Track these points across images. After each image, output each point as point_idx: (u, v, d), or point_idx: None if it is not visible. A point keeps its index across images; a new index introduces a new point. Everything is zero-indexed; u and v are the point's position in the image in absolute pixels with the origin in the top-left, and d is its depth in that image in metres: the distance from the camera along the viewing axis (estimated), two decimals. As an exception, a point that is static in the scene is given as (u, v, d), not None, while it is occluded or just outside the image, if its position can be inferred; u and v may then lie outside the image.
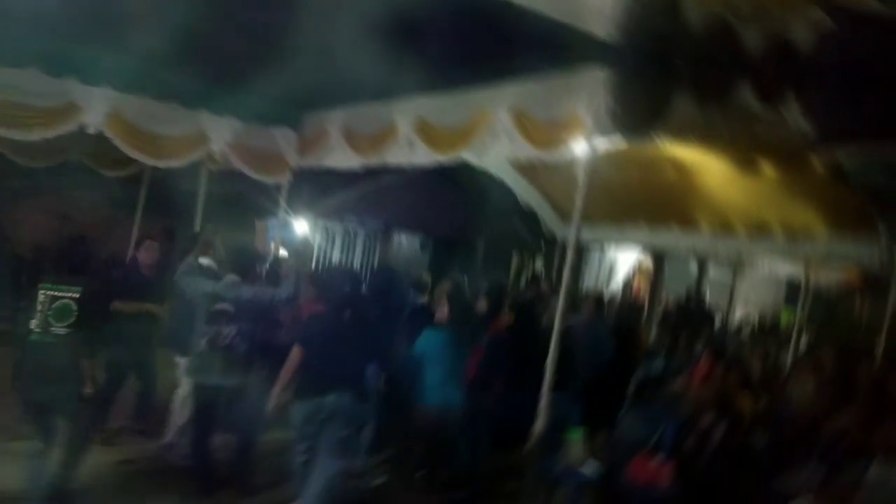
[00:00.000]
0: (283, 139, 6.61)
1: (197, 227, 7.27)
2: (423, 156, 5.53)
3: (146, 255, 5.43)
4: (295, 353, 4.22)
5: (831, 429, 5.43)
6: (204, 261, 5.25)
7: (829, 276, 12.68)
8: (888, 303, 7.81)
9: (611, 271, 17.30)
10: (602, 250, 16.85)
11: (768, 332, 14.02)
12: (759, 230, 7.89)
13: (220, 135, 6.11)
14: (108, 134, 5.47)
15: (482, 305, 5.34)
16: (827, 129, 3.88)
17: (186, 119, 5.97)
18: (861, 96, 3.74)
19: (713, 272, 17.72)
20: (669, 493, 4.57)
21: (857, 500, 3.99)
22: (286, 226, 6.75)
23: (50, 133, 5.18)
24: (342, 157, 6.34)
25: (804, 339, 10.73)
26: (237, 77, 6.12)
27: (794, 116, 3.79)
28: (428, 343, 4.66)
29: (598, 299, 8.01)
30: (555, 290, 8.84)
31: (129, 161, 6.80)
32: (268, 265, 5.70)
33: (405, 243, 15.43)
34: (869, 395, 5.87)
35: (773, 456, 5.31)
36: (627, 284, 18.46)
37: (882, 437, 4.06)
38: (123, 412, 5.42)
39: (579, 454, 4.64)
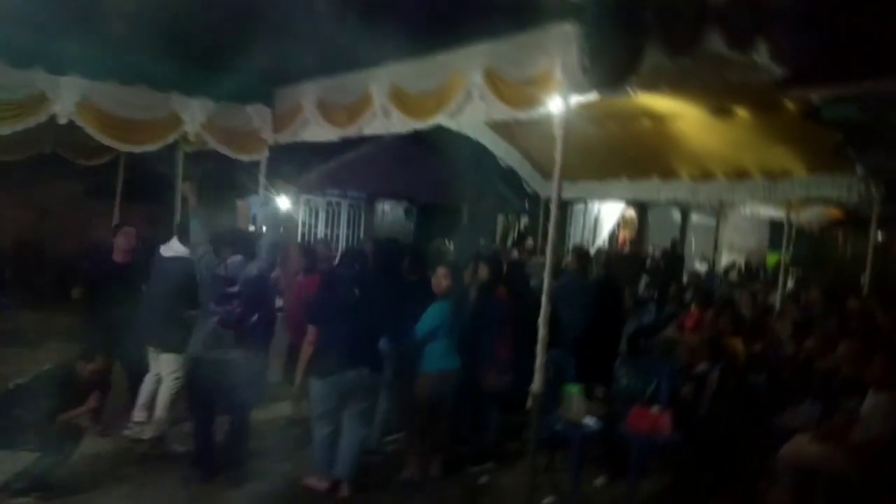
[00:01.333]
0: (258, 116, 6.53)
1: (177, 211, 7.26)
2: (399, 123, 5.50)
3: (123, 241, 5.45)
4: (311, 332, 4.37)
5: (823, 366, 5.58)
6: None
7: (812, 216, 12.85)
8: (870, 238, 7.97)
9: (596, 226, 17.42)
10: (586, 206, 16.95)
11: (755, 275, 14.24)
12: (739, 175, 7.97)
13: (193, 116, 6.02)
14: (80, 123, 5.39)
15: (483, 272, 5.39)
16: (797, 71, 3.90)
17: (158, 102, 5.88)
18: (827, 36, 3.77)
19: (697, 220, 17.90)
20: (670, 441, 4.68)
21: (854, 433, 4.11)
22: (268, 203, 6.70)
23: (21, 126, 5.09)
24: (318, 131, 6.28)
25: (791, 280, 10.91)
26: (207, 56, 6.05)
27: (764, 60, 3.81)
28: (438, 316, 4.71)
29: (585, 254, 8.08)
30: (541, 249, 8.93)
31: (104, 149, 6.72)
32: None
33: (389, 212, 15.42)
34: (858, 330, 6.03)
35: (770, 395, 5.46)
36: (613, 237, 18.63)
37: (873, 370, 4.16)
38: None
39: (578, 409, 4.72)
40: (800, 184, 7.60)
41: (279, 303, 5.84)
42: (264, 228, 5.90)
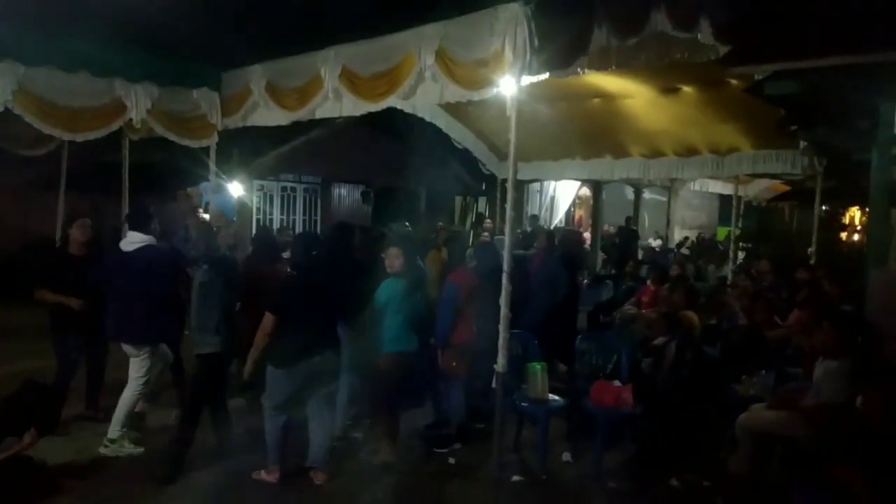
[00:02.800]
0: (206, 101, 6.36)
1: (125, 200, 7.06)
2: (351, 106, 5.44)
3: (79, 234, 5.18)
4: (268, 320, 4.19)
5: (775, 335, 5.78)
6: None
7: (759, 191, 13.24)
8: (815, 210, 8.25)
9: (552, 205, 17.61)
10: (542, 186, 17.11)
11: (707, 249, 14.60)
12: (688, 152, 8.16)
13: (137, 102, 5.83)
14: (18, 111, 5.18)
15: (445, 254, 5.41)
16: (739, 48, 3.99)
17: (100, 89, 5.68)
18: (769, 14, 3.86)
19: (649, 197, 18.26)
20: (633, 414, 4.80)
21: (806, 398, 4.26)
22: (219, 190, 6.57)
23: (-47, 117, 4.88)
24: (268, 115, 6.16)
25: (742, 253, 11.24)
26: (151, 40, 5.87)
27: (708, 39, 3.88)
28: (385, 291, 4.71)
29: (549, 234, 8.18)
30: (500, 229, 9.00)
31: (46, 138, 6.48)
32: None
33: (346, 195, 15.29)
34: (806, 300, 6.25)
35: (727, 366, 5.63)
36: (569, 216, 18.87)
37: (821, 339, 4.30)
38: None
39: (543, 386, 4.80)
40: (746, 159, 7.83)
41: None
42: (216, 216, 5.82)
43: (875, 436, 3.55)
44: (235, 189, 9.02)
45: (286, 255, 5.88)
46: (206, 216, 7.08)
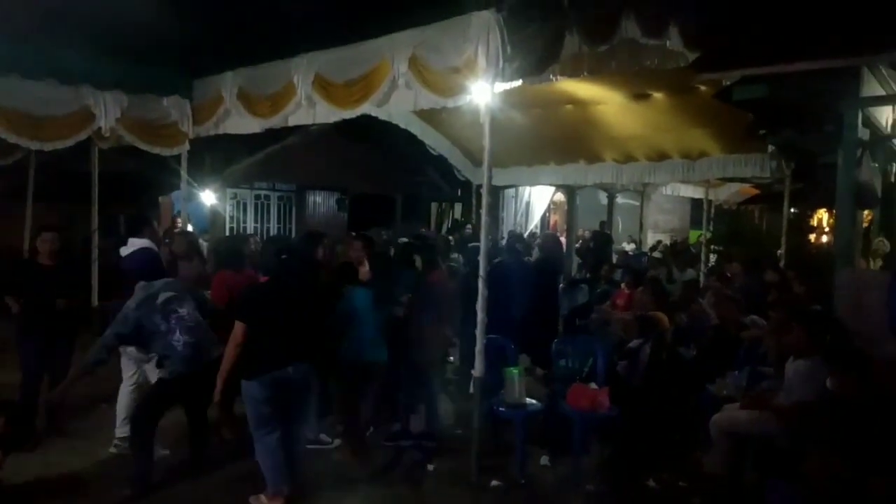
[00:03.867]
0: (176, 108, 6.30)
1: (95, 210, 6.94)
2: (325, 113, 5.42)
3: (48, 245, 5.07)
4: (238, 328, 3.95)
5: (747, 336, 5.86)
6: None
7: (729, 194, 13.44)
8: (783, 212, 8.42)
9: (528, 211, 17.69)
10: (517, 192, 17.19)
11: (680, 252, 14.77)
12: (659, 157, 8.27)
13: (106, 110, 5.74)
14: (-19, 120, 5.08)
15: (418, 261, 5.40)
16: (708, 55, 4.07)
17: (67, 97, 5.59)
18: (737, 21, 3.94)
19: (622, 201, 18.44)
20: (609, 416, 4.82)
21: (778, 398, 4.33)
22: (192, 199, 6.48)
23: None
24: (241, 122, 6.12)
25: (713, 256, 11.41)
26: (119, 47, 5.77)
27: (677, 46, 3.96)
28: (356, 301, 4.67)
29: (520, 238, 8.22)
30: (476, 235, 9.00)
31: (12, 147, 6.34)
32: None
33: (321, 203, 15.20)
34: (776, 301, 6.34)
35: (700, 367, 5.70)
36: (545, 221, 18.97)
37: (792, 339, 4.37)
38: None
39: (520, 390, 4.80)
40: (716, 164, 7.97)
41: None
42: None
43: (849, 416, 3.62)
44: (208, 197, 8.92)
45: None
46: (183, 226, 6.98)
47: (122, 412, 4.82)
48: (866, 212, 5.32)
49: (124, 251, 4.97)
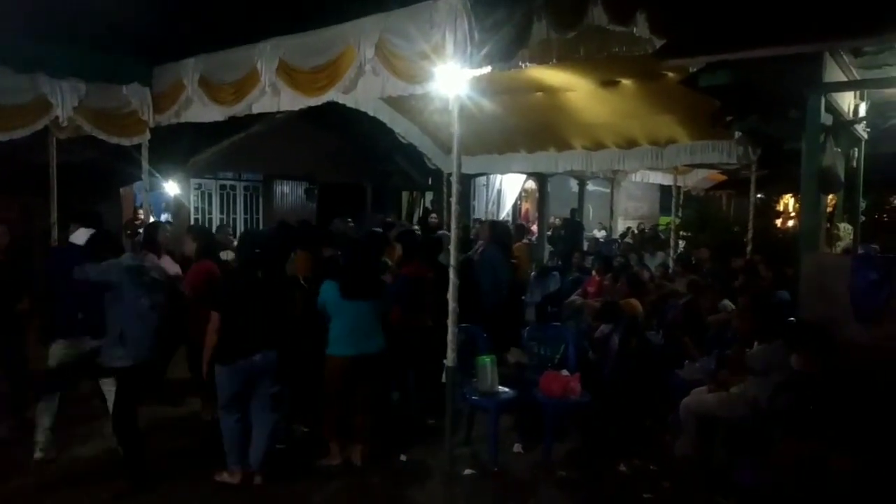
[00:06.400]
0: (136, 96, 6.12)
1: (54, 202, 6.73)
2: (290, 101, 5.31)
3: None
4: (215, 318, 4.20)
5: (714, 320, 5.94)
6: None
7: (697, 181, 13.59)
8: (750, 198, 8.52)
9: (499, 198, 17.71)
10: (488, 180, 17.19)
11: (649, 238, 14.93)
12: (628, 144, 8.30)
13: (63, 99, 5.57)
14: (-69, 109, 4.89)
15: (398, 251, 5.36)
16: (674, 41, 4.07)
17: (23, 85, 5.41)
18: (701, 7, 3.94)
19: (592, 188, 18.57)
20: (581, 402, 4.85)
21: (746, 383, 4.39)
22: (154, 189, 6.32)
23: None
24: (203, 110, 5.96)
25: (682, 242, 11.53)
26: (76, 34, 5.59)
27: (644, 32, 3.95)
28: (323, 294, 4.61)
29: (492, 226, 8.16)
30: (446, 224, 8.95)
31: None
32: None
33: (289, 193, 14.97)
34: (742, 285, 6.43)
35: (670, 351, 5.77)
36: (516, 209, 19.02)
37: (759, 323, 4.43)
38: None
39: (493, 379, 4.80)
40: (684, 150, 8.02)
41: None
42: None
43: (815, 392, 3.70)
44: (171, 188, 8.71)
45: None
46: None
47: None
48: (830, 196, 5.39)
49: (76, 239, 4.65)
